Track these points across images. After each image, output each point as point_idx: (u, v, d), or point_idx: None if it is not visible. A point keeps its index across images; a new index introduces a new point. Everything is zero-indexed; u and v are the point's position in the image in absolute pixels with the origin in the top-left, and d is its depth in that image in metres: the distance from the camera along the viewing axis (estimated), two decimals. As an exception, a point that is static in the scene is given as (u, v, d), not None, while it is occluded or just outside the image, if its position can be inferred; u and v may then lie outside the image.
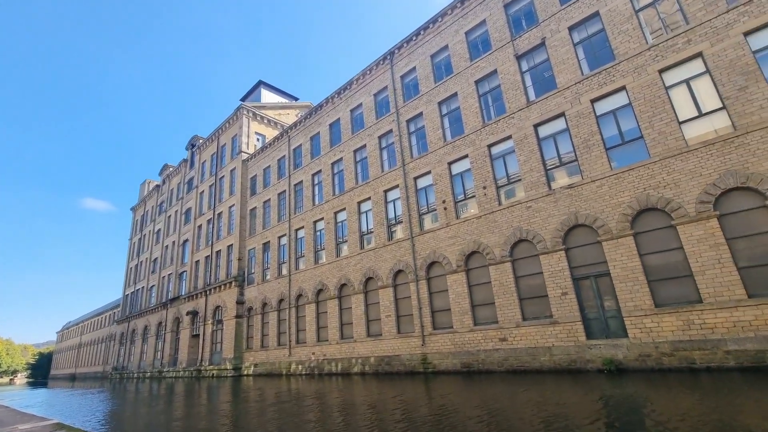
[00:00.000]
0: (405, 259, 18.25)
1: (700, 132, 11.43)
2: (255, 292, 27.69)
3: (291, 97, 41.97)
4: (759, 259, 9.93)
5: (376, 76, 22.32)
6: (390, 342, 17.94)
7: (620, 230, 12.16)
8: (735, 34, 11.02)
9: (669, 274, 11.26)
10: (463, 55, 18.02)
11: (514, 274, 14.51)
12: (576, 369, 12.24)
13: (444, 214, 17.23)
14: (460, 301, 15.76)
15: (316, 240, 24.04)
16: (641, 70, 12.58)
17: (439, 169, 17.82)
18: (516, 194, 15.26)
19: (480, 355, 14.62)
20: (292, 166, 27.49)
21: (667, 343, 10.82)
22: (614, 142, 13.06)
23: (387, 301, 18.59)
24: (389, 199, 20.08)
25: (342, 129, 23.84)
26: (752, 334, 9.65)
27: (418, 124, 19.71)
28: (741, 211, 10.35)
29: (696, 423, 5.79)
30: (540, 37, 15.34)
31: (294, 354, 23.12)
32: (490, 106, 16.94)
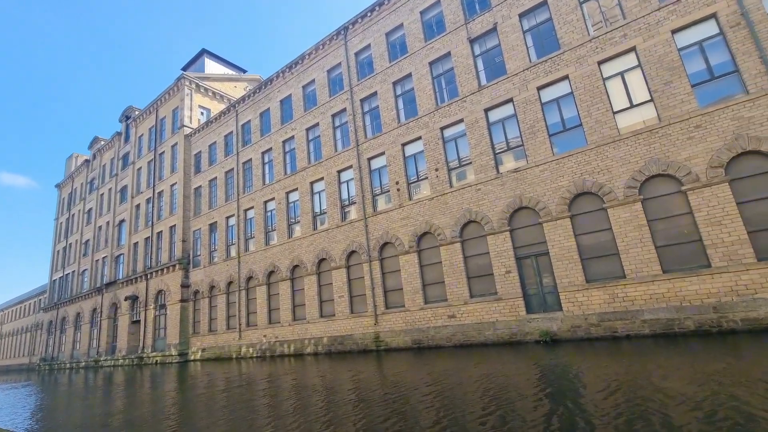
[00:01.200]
0: (358, 240, 18.30)
1: (630, 122, 12.38)
2: (201, 275, 26.51)
3: (238, 69, 39.50)
4: (673, 238, 11.15)
5: (329, 52, 21.56)
6: (343, 322, 18.13)
7: (559, 212, 13.03)
8: (664, 32, 11.92)
9: (599, 253, 12.32)
10: (418, 36, 17.89)
11: (463, 254, 15.11)
12: (516, 341, 13.18)
13: (397, 195, 17.39)
14: (412, 281, 16.20)
15: (267, 221, 23.33)
16: (582, 61, 13.28)
17: (393, 151, 17.85)
18: (466, 177, 15.73)
19: (430, 331, 15.25)
20: (240, 143, 26.15)
21: (595, 315, 11.94)
22: (557, 129, 13.79)
23: (340, 281, 18.65)
24: (343, 180, 19.86)
25: (294, 106, 22.95)
26: (664, 305, 10.91)
27: (372, 104, 19.47)
28: (661, 195, 11.48)
29: (614, 384, 6.52)
30: (492, 22, 15.59)
31: (244, 337, 22.65)
32: (443, 88, 17.09)
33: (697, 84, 11.39)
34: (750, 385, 5.65)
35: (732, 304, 10.03)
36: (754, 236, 10.09)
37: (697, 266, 10.70)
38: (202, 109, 32.11)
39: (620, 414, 5.06)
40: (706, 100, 11.24)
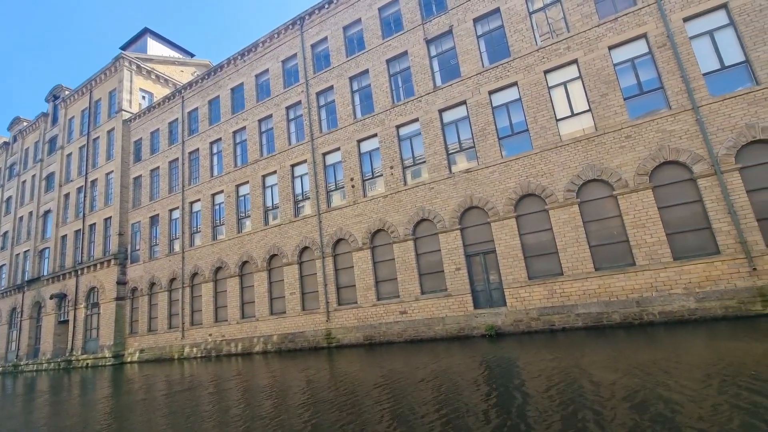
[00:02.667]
0: (311, 236, 18.02)
1: (571, 129, 13.25)
2: (141, 271, 24.76)
3: (186, 53, 37.12)
4: (604, 239, 12.13)
5: (284, 42, 20.89)
6: (294, 319, 17.80)
7: (506, 213, 13.67)
8: (602, 47, 12.86)
9: (540, 251, 13.11)
10: (376, 32, 17.85)
11: (415, 252, 15.40)
12: (464, 335, 13.69)
13: (352, 191, 17.32)
14: (365, 278, 16.25)
15: (214, 214, 22.25)
16: (530, 69, 13.97)
17: (349, 146, 17.72)
18: (420, 176, 16.01)
19: (382, 328, 15.41)
20: (186, 132, 24.65)
21: (535, 309, 12.71)
22: (506, 133, 14.42)
23: (292, 278, 18.28)
24: (296, 174, 19.42)
25: (246, 95, 22.00)
26: (596, 300, 11.86)
27: (328, 98, 19.17)
28: (595, 199, 12.43)
29: (550, 372, 6.99)
30: (448, 25, 15.92)
31: (188, 336, 21.52)
32: (400, 87, 17.22)
33: (628, 97, 12.42)
34: (668, 372, 6.30)
35: (652, 298, 11.12)
36: (671, 238, 11.24)
37: (624, 264, 11.73)
38: (143, 92, 29.83)
39: (559, 404, 5.43)
40: (636, 113, 12.30)
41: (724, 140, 10.87)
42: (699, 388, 5.29)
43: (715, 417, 4.31)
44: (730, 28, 11.36)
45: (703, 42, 11.66)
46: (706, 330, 9.46)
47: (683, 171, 11.35)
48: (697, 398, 4.94)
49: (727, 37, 11.38)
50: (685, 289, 10.79)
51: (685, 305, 10.71)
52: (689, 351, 7.85)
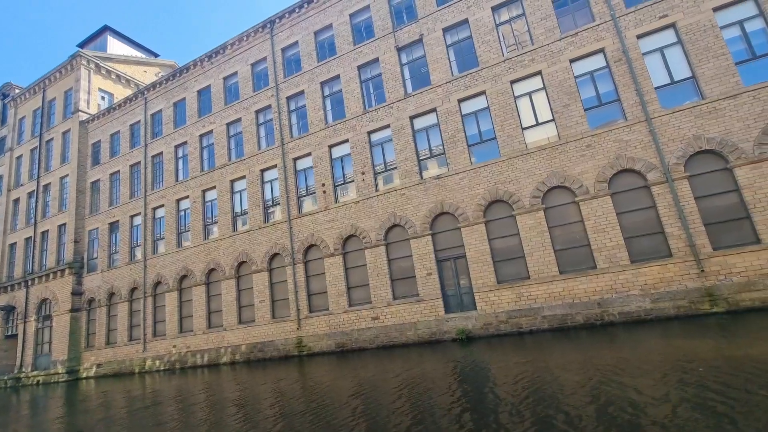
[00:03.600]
0: (282, 242, 17.69)
1: (536, 138, 13.74)
2: (98, 281, 23.43)
3: (150, 53, 35.72)
4: (568, 243, 12.63)
5: (254, 44, 20.53)
6: (264, 328, 17.37)
7: (475, 218, 13.97)
8: (564, 60, 13.46)
9: (508, 256, 13.46)
10: (347, 38, 17.87)
11: (387, 257, 15.43)
12: (435, 340, 13.82)
13: (323, 197, 17.17)
14: (337, 284, 16.11)
15: (179, 220, 21.43)
16: (497, 79, 14.41)
17: (320, 152, 17.58)
18: (392, 181, 16.10)
19: (354, 334, 15.30)
20: (149, 135, 23.66)
21: (504, 312, 13.02)
22: (475, 140, 14.77)
23: (261, 285, 17.85)
24: (266, 180, 19.04)
25: (213, 98, 21.41)
26: (560, 302, 12.30)
27: (299, 103, 18.97)
28: (559, 205, 12.93)
29: (520, 376, 7.17)
30: (418, 33, 16.18)
31: (150, 349, 20.52)
32: (371, 93, 17.29)
33: (588, 108, 13.05)
34: (628, 373, 6.60)
35: (612, 300, 11.66)
36: (628, 242, 11.86)
37: (586, 267, 12.25)
38: (103, 93, 28.41)
39: (529, 408, 5.56)
40: (596, 123, 12.93)
41: (674, 150, 11.61)
42: (655, 388, 5.58)
43: (673, 419, 4.55)
44: (678, 45, 12.19)
45: (654, 58, 12.45)
46: (661, 329, 10.00)
47: (638, 179, 12.02)
48: (657, 398, 5.20)
49: (675, 54, 12.21)
50: (641, 290, 11.39)
51: (641, 306, 11.30)
52: (646, 351, 8.27)
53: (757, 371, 5.59)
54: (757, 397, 4.69)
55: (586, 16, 13.62)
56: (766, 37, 11.33)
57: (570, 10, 13.97)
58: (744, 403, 4.54)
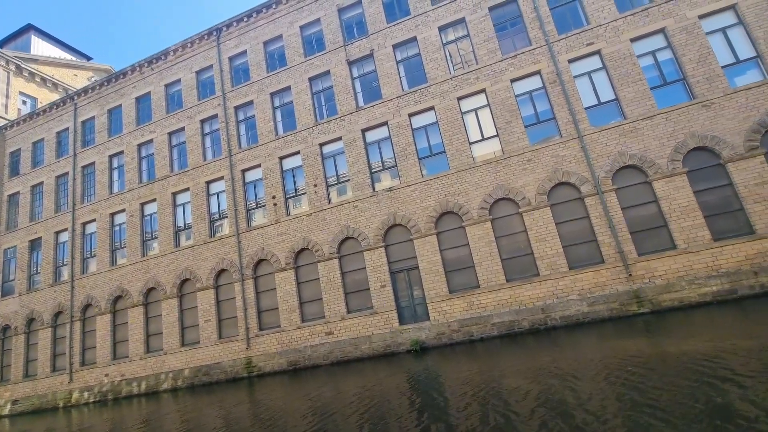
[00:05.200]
0: (230, 258, 16.89)
1: (483, 152, 14.41)
2: (15, 305, 20.85)
3: (81, 55, 33.09)
4: (513, 252, 13.28)
5: (199, 52, 19.74)
6: (210, 349, 16.35)
7: (427, 230, 14.27)
8: (505, 79, 14.33)
9: (459, 266, 13.86)
10: (298, 50, 17.75)
11: (341, 270, 15.26)
12: (390, 352, 13.79)
13: (274, 210, 16.70)
14: (289, 299, 15.62)
15: (113, 236, 19.76)
16: (445, 95, 15.00)
17: (270, 163, 17.14)
18: (344, 194, 16.05)
19: (307, 351, 14.86)
20: (79, 143, 21.75)
21: (456, 321, 13.33)
22: (425, 154, 15.18)
23: (207, 304, 16.85)
24: (212, 192, 18.18)
25: (154, 106, 20.20)
26: (508, 309, 12.83)
27: (247, 113, 18.43)
28: (505, 216, 13.59)
29: (471, 383, 7.33)
30: (369, 48, 16.46)
31: (78, 379, 18.51)
32: (323, 105, 17.24)
33: (528, 125, 13.95)
34: (569, 375, 6.98)
35: (553, 305, 12.37)
36: (567, 250, 12.70)
37: (530, 275, 12.92)
38: (24, 97, 25.81)
39: (473, 412, 5.67)
40: (535, 139, 13.83)
41: (603, 165, 12.71)
42: (592, 388, 5.95)
43: (604, 413, 4.86)
44: (603, 70, 13.46)
45: (584, 81, 13.63)
46: (597, 331, 10.75)
47: (573, 191, 12.98)
48: (594, 398, 5.54)
49: (601, 78, 13.45)
50: (579, 295, 12.21)
51: (579, 309, 12.09)
52: (584, 353, 8.83)
53: (676, 366, 6.16)
54: (679, 390, 5.16)
55: (524, 40, 14.64)
56: (675, 65, 12.85)
57: (510, 34, 14.95)
58: (667, 395, 4.97)
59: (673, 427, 4.14)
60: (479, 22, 15.09)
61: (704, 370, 5.78)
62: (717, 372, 5.57)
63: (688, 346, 7.38)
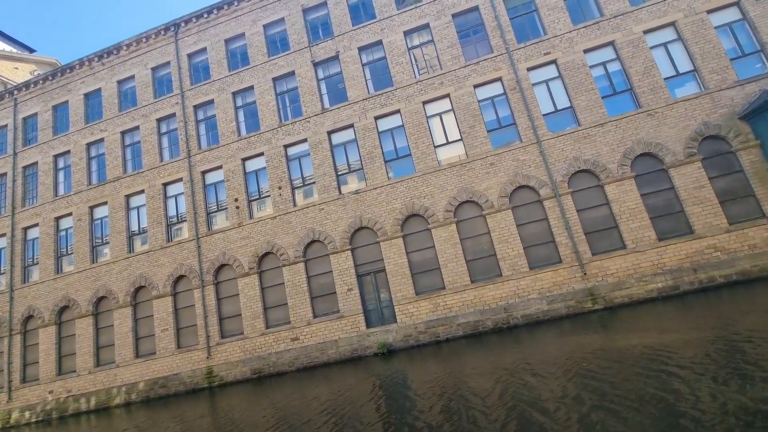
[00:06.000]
0: (189, 263, 16.16)
1: (448, 155, 14.69)
2: (-58, 320, 18.83)
3: (23, 47, 30.63)
4: (477, 254, 13.61)
5: (155, 47, 18.80)
6: (167, 360, 15.54)
7: (393, 232, 14.33)
8: (469, 85, 14.70)
9: (425, 268, 14.02)
10: (261, 49, 17.33)
11: (306, 274, 15.00)
12: (357, 356, 13.70)
13: (236, 213, 16.17)
14: (252, 305, 15.16)
15: (59, 242, 18.36)
16: (411, 99, 15.17)
17: (232, 165, 16.60)
18: (310, 196, 15.82)
19: (271, 358, 14.47)
20: (20, 142, 20.07)
21: (423, 323, 13.46)
22: (391, 156, 15.26)
23: (164, 312, 16.02)
24: (170, 194, 17.34)
25: (105, 103, 19.00)
26: (472, 309, 13.12)
27: (208, 112, 17.76)
28: (469, 218, 13.91)
29: (438, 385, 7.41)
30: (335, 50, 16.36)
31: (18, 398, 17.00)
32: (287, 106, 16.92)
33: (491, 130, 14.38)
34: (531, 372, 7.21)
35: (515, 304, 12.79)
36: (527, 251, 13.18)
37: (493, 276, 13.29)
38: (-47, 89, 23.42)
39: (439, 411, 5.73)
40: (497, 143, 14.28)
41: (560, 169, 13.32)
42: (552, 383, 6.19)
43: (562, 406, 5.06)
44: (559, 79, 14.12)
45: (542, 88, 14.24)
46: (555, 328, 11.22)
47: (533, 194, 13.51)
48: (554, 393, 5.76)
49: (557, 86, 14.12)
50: (539, 294, 12.70)
51: (540, 308, 12.58)
52: (544, 350, 9.18)
53: (626, 359, 6.54)
54: (628, 381, 5.47)
55: (486, 48, 15.09)
56: (623, 76, 13.71)
57: (473, 41, 15.36)
58: (619, 388, 5.26)
59: (624, 419, 4.38)
60: (443, 29, 15.40)
61: (650, 362, 6.17)
62: (661, 363, 5.97)
63: (636, 339, 7.86)
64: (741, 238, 11.76)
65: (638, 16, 13.78)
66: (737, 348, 6.03)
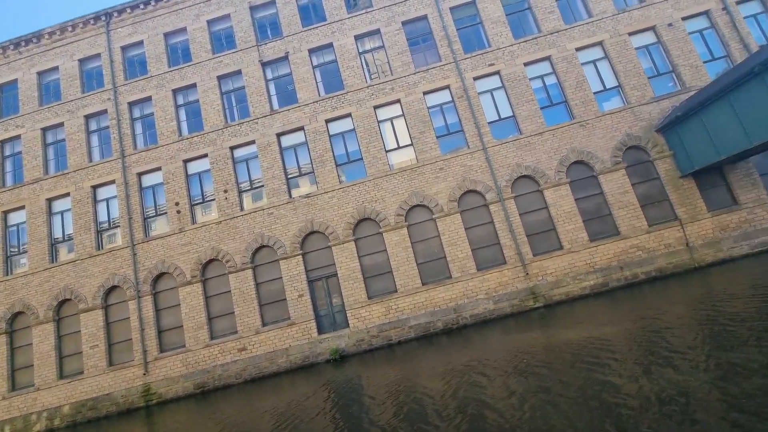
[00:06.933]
0: (123, 272, 14.90)
1: (399, 160, 14.90)
2: None
3: None
4: (428, 257, 13.92)
5: (83, 38, 17.21)
6: (97, 379, 14.17)
7: (345, 236, 14.25)
8: (418, 92, 15.05)
9: (378, 272, 14.08)
10: (205, 45, 16.50)
11: (255, 281, 14.45)
12: (309, 364, 13.41)
13: (177, 218, 15.19)
14: (195, 315, 14.30)
15: (-37, 252, 16.10)
16: (362, 103, 15.22)
17: (173, 167, 15.59)
18: (259, 200, 15.28)
19: (216, 371, 13.73)
20: None
21: (375, 327, 13.49)
22: (343, 160, 15.18)
23: (94, 327, 14.62)
24: (100, 198, 15.90)
25: (22, 96, 17.03)
26: (424, 311, 13.38)
27: (145, 110, 16.55)
28: (420, 222, 14.20)
29: (390, 388, 7.44)
30: (284, 51, 15.99)
31: None
32: (234, 106, 16.24)
33: (440, 136, 14.81)
34: (479, 372, 7.46)
35: (464, 305, 13.23)
36: (475, 253, 13.71)
37: (443, 278, 13.66)
38: None
39: (393, 415, 5.75)
40: (446, 149, 14.73)
41: (504, 174, 14.03)
42: (498, 379, 6.46)
43: (509, 401, 5.30)
44: (502, 89, 14.90)
45: (487, 97, 14.93)
46: (501, 326, 11.77)
47: (480, 198, 14.09)
48: (503, 391, 6.00)
49: (501, 96, 14.89)
50: (486, 294, 13.25)
51: (486, 308, 13.12)
52: (490, 348, 9.57)
53: (562, 353, 7.01)
54: (563, 372, 5.86)
55: (435, 56, 15.55)
56: (559, 89, 14.76)
57: (422, 49, 15.76)
58: (556, 381, 5.61)
59: (564, 411, 4.68)
60: (393, 35, 15.64)
61: (583, 354, 6.66)
62: (592, 355, 6.47)
63: (572, 334, 8.45)
64: (658, 238, 13.12)
65: (571, 34, 14.94)
66: (660, 336, 6.70)
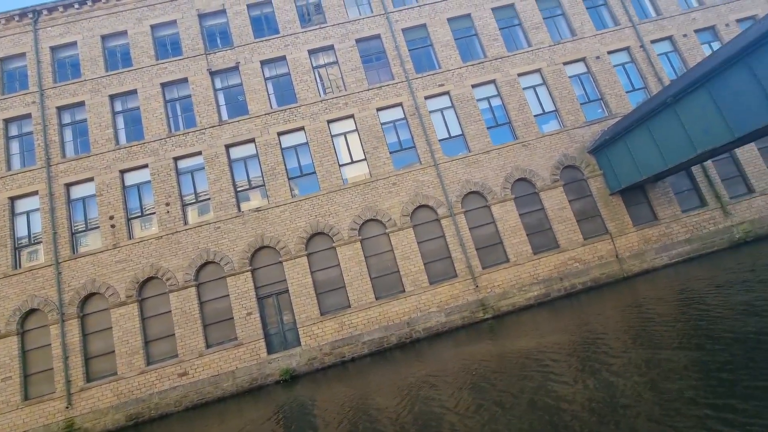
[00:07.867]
0: (44, 294, 13.36)
1: (353, 174, 14.93)
2: None
3: None
4: (381, 271, 13.95)
5: (5, 35, 15.60)
6: (9, 417, 12.41)
7: (297, 251, 13.91)
8: (372, 108, 15.29)
9: (330, 287, 13.85)
10: (148, 51, 15.64)
11: (198, 300, 13.58)
12: (257, 386, 12.74)
13: (112, 232, 13.99)
14: (130, 339, 13.11)
15: None
16: (315, 117, 15.15)
17: (107, 177, 14.42)
18: (205, 213, 14.52)
19: (153, 399, 12.60)
20: None
21: (328, 344, 13.18)
22: (295, 174, 14.93)
23: (6, 356, 12.87)
24: (19, 210, 14.26)
25: None
26: (377, 326, 13.31)
27: (77, 116, 15.25)
28: (373, 236, 14.23)
29: (343, 407, 7.24)
30: (234, 61, 15.59)
31: None
32: (179, 115, 15.45)
33: (393, 152, 15.08)
34: (432, 386, 7.50)
35: (417, 318, 13.36)
36: (427, 266, 13.96)
37: (396, 292, 13.73)
38: None
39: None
40: (399, 164, 15.02)
41: (454, 190, 14.54)
42: (451, 393, 6.54)
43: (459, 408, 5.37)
44: (452, 109, 15.57)
45: (438, 116, 15.51)
46: (453, 339, 12.00)
47: (432, 213, 14.46)
48: (457, 405, 6.07)
49: (451, 115, 15.54)
50: (438, 307, 13.49)
51: (439, 320, 13.34)
52: (442, 360, 9.70)
53: (509, 362, 7.27)
54: (511, 381, 6.06)
55: (387, 74, 15.94)
56: (503, 111, 15.70)
57: (376, 67, 16.10)
58: (506, 393, 5.79)
59: (515, 417, 4.82)
60: (347, 52, 15.84)
61: (529, 362, 6.96)
62: (540, 364, 6.78)
63: (520, 344, 8.82)
64: (592, 250, 14.20)
65: (513, 60, 16.04)
66: (597, 344, 7.18)
